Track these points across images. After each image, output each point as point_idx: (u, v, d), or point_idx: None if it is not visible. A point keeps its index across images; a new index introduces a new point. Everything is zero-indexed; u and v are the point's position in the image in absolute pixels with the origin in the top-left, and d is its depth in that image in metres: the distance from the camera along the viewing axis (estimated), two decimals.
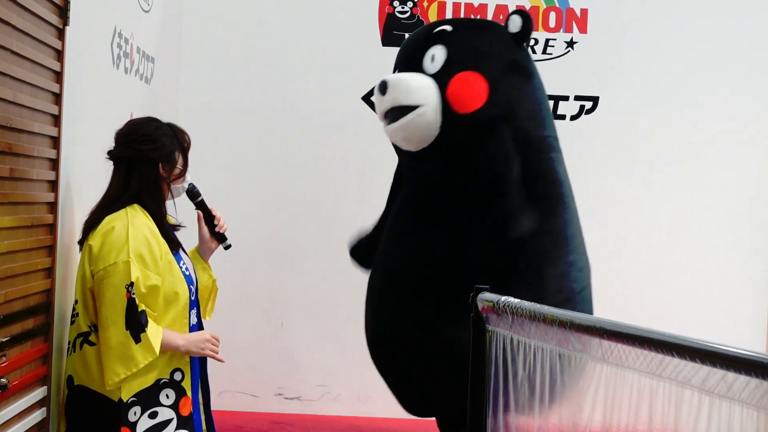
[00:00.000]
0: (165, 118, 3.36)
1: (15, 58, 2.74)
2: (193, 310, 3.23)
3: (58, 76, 3.13)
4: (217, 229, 3.49)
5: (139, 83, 4.36)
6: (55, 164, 3.13)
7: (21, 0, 2.76)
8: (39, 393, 3.03)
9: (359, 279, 4.70)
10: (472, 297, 3.05)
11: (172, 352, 3.12)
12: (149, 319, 3.02)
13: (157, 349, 3.00)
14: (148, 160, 3.16)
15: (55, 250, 3.13)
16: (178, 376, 3.15)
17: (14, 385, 2.78)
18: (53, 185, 3.13)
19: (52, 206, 3.13)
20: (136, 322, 2.97)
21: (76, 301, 3.09)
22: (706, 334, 2.23)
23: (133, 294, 2.97)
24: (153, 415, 3.07)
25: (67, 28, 3.17)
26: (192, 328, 3.23)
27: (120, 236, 3.02)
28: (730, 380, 1.91)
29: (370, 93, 5.55)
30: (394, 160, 5.22)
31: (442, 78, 4.16)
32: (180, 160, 3.25)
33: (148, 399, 3.07)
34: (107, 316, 2.98)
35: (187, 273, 3.23)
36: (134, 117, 3.57)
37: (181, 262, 3.22)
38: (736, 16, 5.63)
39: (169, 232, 3.21)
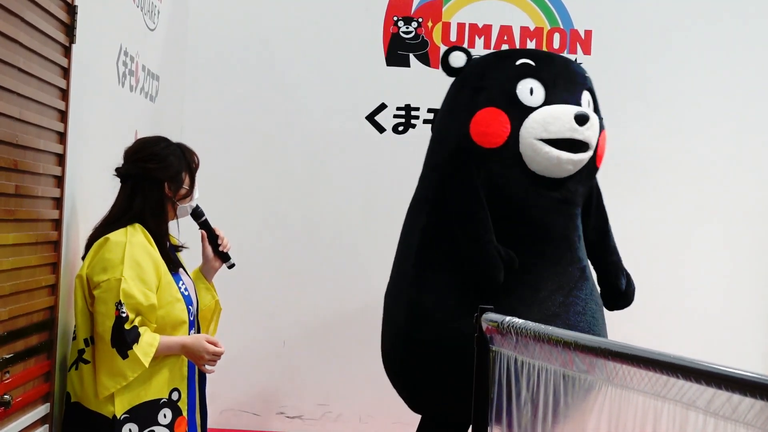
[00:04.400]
0: (170, 136, 3.36)
1: (22, 76, 2.75)
2: (191, 330, 3.23)
3: (64, 94, 3.14)
4: (220, 249, 3.49)
5: (144, 101, 4.37)
6: (60, 181, 3.13)
7: (28, 18, 2.77)
8: (41, 410, 3.03)
9: (361, 298, 4.71)
10: (476, 317, 3.04)
11: (171, 372, 3.13)
12: (145, 331, 3.01)
13: (147, 362, 2.99)
14: (153, 179, 3.17)
15: (59, 267, 3.13)
16: (175, 396, 3.15)
17: (17, 402, 2.77)
18: (58, 202, 3.13)
19: (57, 223, 3.13)
20: (122, 341, 2.97)
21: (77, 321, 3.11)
22: (710, 356, 2.22)
23: (123, 312, 2.97)
24: None
25: (74, 46, 3.18)
26: None
27: (117, 254, 3.03)
28: (735, 402, 1.91)
29: (375, 112, 5.56)
30: (397, 180, 5.22)
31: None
32: (186, 181, 3.26)
33: (146, 417, 3.07)
34: (98, 331, 3.00)
35: (186, 293, 3.22)
36: (139, 135, 3.57)
37: (180, 282, 3.22)
38: (743, 40, 5.63)
39: (168, 252, 3.21)
